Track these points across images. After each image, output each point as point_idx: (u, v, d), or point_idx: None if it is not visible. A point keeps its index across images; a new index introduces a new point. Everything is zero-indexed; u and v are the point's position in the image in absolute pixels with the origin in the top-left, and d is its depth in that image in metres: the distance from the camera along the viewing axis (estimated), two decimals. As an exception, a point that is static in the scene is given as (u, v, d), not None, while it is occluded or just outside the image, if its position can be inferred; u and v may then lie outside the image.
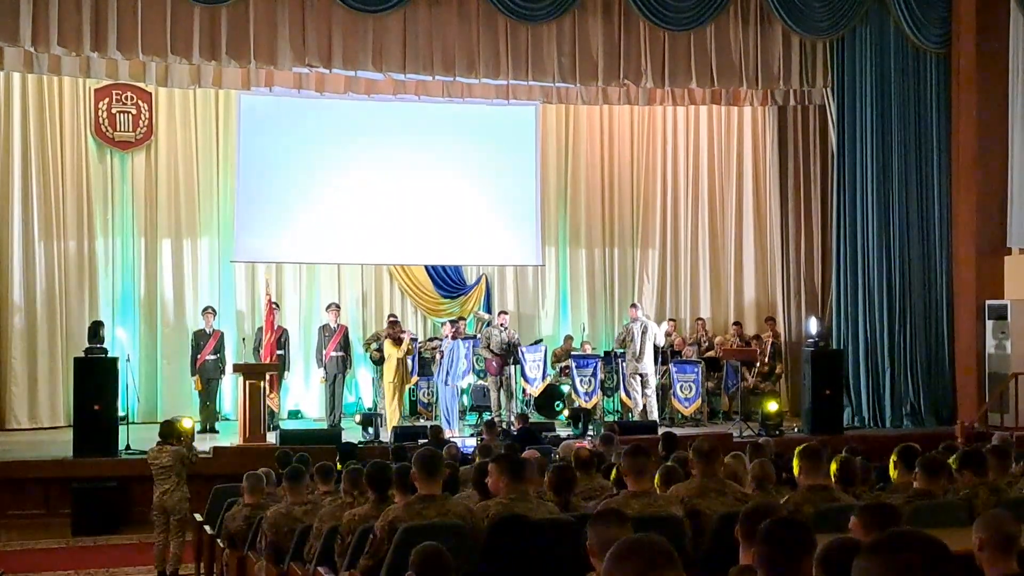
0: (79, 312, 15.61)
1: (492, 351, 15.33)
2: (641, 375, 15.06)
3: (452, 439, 12.42)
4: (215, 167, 16.51)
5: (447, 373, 14.69)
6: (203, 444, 12.50)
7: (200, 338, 15.22)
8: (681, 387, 15.48)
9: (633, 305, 16.01)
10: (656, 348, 15.33)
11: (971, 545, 4.03)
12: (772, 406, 14.87)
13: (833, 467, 6.72)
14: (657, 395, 15.44)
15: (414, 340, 15.52)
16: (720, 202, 18.24)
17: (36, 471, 12.13)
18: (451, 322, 15.64)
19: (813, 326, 15.48)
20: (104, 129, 15.90)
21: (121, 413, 13.13)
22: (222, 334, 15.42)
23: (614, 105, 16.91)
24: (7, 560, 10.35)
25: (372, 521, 5.82)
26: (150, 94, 15.99)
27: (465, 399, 15.94)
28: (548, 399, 16.06)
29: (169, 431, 9.96)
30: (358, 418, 14.34)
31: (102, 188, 16.01)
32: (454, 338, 14.88)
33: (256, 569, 7.39)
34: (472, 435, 14.03)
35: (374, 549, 5.60)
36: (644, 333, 15.03)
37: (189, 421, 11.33)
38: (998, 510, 4.49)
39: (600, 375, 15.51)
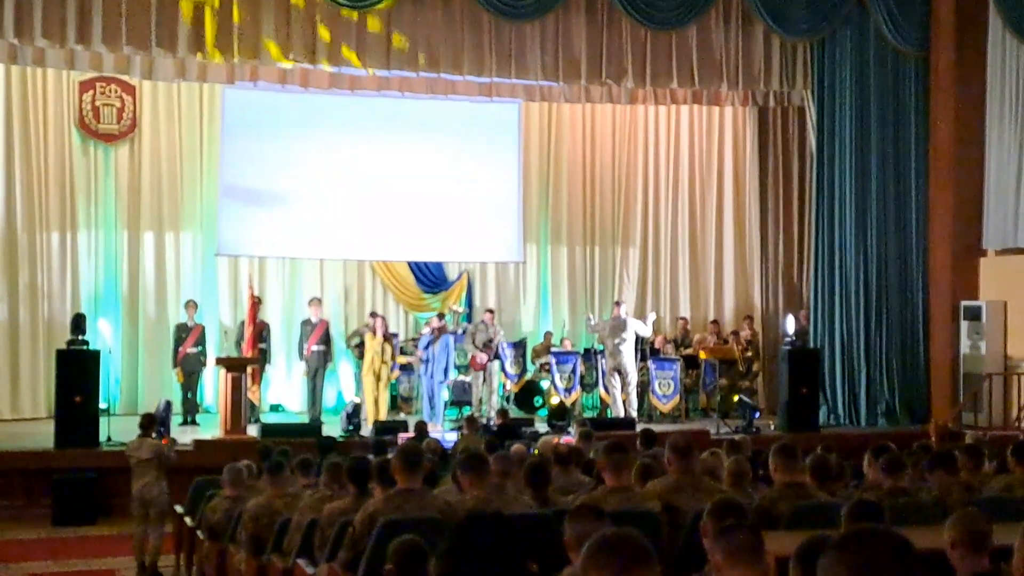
0: (61, 304, 15.60)
1: (477, 347, 15.40)
2: (620, 372, 15.12)
3: (432, 434, 12.48)
4: (199, 161, 16.49)
5: (433, 367, 14.77)
6: (184, 436, 12.51)
7: (182, 331, 15.24)
8: (660, 384, 15.55)
9: (617, 303, 16.09)
10: (642, 340, 15.40)
11: (943, 543, 4.12)
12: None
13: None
14: (636, 392, 15.50)
15: (395, 336, 15.59)
16: (700, 201, 18.29)
17: (17, 462, 12.12)
18: (436, 317, 15.74)
19: (790, 325, 15.57)
20: (88, 122, 15.86)
21: (102, 405, 13.14)
22: (204, 327, 15.43)
23: (596, 104, 17.02)
24: (-13, 550, 10.38)
25: (352, 514, 5.87)
26: (134, 87, 15.97)
27: (446, 394, 16.01)
28: (528, 395, 16.16)
29: (149, 423, 9.98)
30: (349, 407, 14.31)
31: (85, 181, 15.97)
32: (439, 333, 14.96)
33: (236, 561, 7.43)
34: (453, 429, 14.09)
35: (353, 542, 5.65)
36: (624, 330, 15.08)
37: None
38: (970, 508, 4.57)
39: (580, 371, 15.60)
